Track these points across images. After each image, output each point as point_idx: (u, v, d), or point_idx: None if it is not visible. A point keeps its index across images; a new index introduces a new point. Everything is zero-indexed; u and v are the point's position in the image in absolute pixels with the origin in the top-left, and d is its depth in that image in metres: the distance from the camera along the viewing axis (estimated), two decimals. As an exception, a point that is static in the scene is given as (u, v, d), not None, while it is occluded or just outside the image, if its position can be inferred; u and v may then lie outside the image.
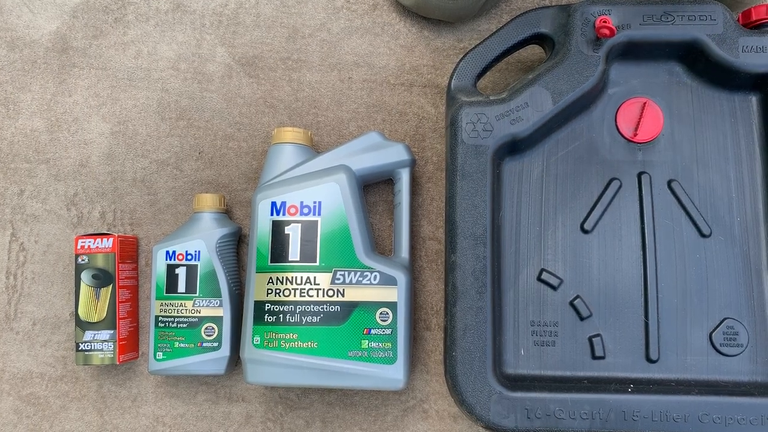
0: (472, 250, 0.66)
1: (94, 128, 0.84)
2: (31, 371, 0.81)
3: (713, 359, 0.67)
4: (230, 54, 0.84)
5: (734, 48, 0.68)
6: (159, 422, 0.79)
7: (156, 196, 0.83)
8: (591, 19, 0.69)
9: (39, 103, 0.85)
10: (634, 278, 0.69)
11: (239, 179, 0.82)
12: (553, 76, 0.68)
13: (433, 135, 0.82)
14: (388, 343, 0.70)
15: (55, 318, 0.81)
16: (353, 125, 0.83)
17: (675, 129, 0.71)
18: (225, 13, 0.85)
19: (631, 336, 0.68)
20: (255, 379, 0.70)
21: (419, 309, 0.79)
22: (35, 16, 0.86)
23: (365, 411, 0.78)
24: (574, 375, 0.67)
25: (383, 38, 0.84)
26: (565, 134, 0.72)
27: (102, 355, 0.75)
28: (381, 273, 0.71)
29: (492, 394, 0.63)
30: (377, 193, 0.81)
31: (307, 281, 0.71)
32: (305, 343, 0.70)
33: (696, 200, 0.70)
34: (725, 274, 0.68)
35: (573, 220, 0.70)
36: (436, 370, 0.78)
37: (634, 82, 0.72)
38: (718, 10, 0.68)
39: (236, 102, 0.84)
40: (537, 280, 0.69)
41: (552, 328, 0.69)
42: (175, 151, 0.83)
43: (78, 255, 0.77)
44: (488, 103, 0.68)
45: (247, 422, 0.78)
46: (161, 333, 0.75)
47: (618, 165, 0.71)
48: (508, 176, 0.71)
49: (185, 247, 0.75)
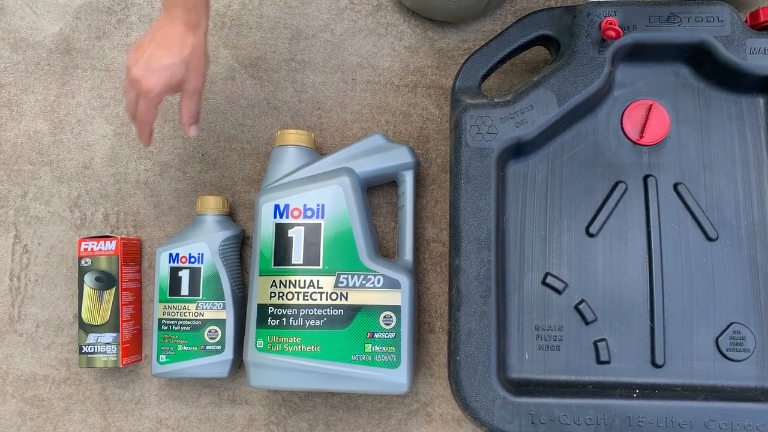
0: (477, 254, 0.66)
1: (97, 130, 0.84)
2: (34, 373, 0.81)
3: (719, 364, 0.67)
4: (233, 55, 0.84)
5: (742, 50, 0.67)
6: (162, 425, 0.79)
7: (159, 198, 0.83)
8: (597, 21, 0.68)
9: (42, 104, 0.85)
10: (640, 282, 0.68)
11: (242, 181, 0.82)
12: (558, 78, 0.68)
13: (438, 137, 0.81)
14: (391, 347, 0.69)
15: (59, 320, 0.81)
16: (357, 127, 0.82)
17: (681, 131, 0.70)
18: (228, 15, 0.85)
19: (637, 340, 0.67)
20: (258, 382, 0.70)
21: (423, 312, 0.79)
22: (38, 17, 0.86)
23: (369, 414, 0.78)
24: (579, 380, 0.67)
25: (387, 39, 0.83)
26: (570, 137, 0.71)
27: (105, 357, 0.75)
28: (384, 276, 0.71)
29: (496, 399, 0.63)
30: (381, 196, 0.81)
31: (311, 285, 0.70)
32: (308, 347, 0.69)
33: (702, 204, 0.69)
34: (732, 279, 0.68)
35: (578, 224, 0.70)
36: (440, 374, 0.78)
37: (640, 84, 0.71)
38: (725, 12, 0.67)
39: (239, 104, 0.83)
40: (542, 284, 0.69)
41: (557, 332, 0.68)
42: (178, 153, 0.83)
43: (81, 257, 0.77)
44: (493, 105, 0.68)
45: (251, 425, 0.78)
46: (164, 336, 0.74)
47: (624, 168, 0.70)
48: (513, 179, 0.71)
49: (188, 249, 0.75)
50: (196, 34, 0.64)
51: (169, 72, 0.63)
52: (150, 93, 0.64)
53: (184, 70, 0.64)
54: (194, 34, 0.64)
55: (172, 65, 0.63)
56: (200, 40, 0.65)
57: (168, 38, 0.63)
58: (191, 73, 0.65)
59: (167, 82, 0.64)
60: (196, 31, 0.64)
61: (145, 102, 0.65)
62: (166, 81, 0.64)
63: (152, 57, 0.63)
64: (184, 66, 0.64)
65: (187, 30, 0.63)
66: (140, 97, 0.65)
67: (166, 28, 0.63)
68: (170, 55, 0.63)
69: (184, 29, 0.63)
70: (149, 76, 0.63)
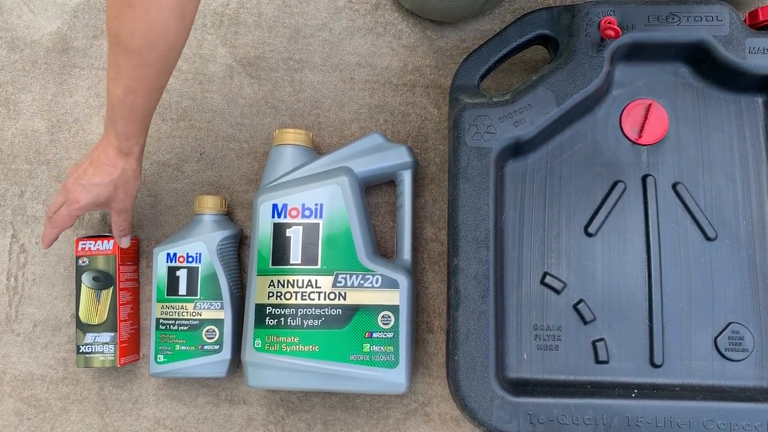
0: (475, 254, 0.66)
1: (94, 129, 0.84)
2: (32, 373, 0.81)
3: (718, 364, 0.66)
4: (231, 54, 0.84)
5: (741, 49, 0.67)
6: (160, 425, 0.79)
7: (157, 198, 0.82)
8: (595, 20, 0.68)
9: (39, 103, 0.84)
10: (639, 282, 0.68)
11: (240, 181, 0.82)
12: (557, 78, 0.67)
13: (436, 136, 0.81)
14: (389, 347, 0.69)
15: (56, 320, 0.81)
16: (355, 126, 0.82)
17: (680, 131, 0.70)
18: (226, 13, 0.84)
19: (635, 340, 0.67)
20: (256, 382, 0.70)
21: (422, 311, 0.79)
22: (36, 16, 0.86)
23: (367, 414, 0.78)
24: (578, 379, 0.67)
25: (386, 38, 0.83)
26: (569, 136, 0.71)
27: (103, 357, 0.75)
28: (383, 276, 0.70)
29: (494, 399, 0.63)
30: (379, 195, 0.81)
31: (309, 284, 0.70)
32: (306, 347, 0.69)
33: (701, 203, 0.69)
34: (731, 279, 0.68)
35: (577, 224, 0.70)
36: (438, 373, 0.78)
37: (639, 84, 0.71)
38: (724, 11, 0.67)
39: (237, 103, 0.83)
40: (540, 284, 0.69)
41: (555, 332, 0.68)
42: (176, 153, 0.83)
43: (79, 257, 0.76)
44: (491, 104, 0.68)
45: (249, 425, 0.78)
46: (162, 335, 0.74)
47: (622, 167, 0.70)
48: (511, 179, 0.70)
49: (186, 249, 0.75)
50: (128, 160, 0.68)
51: (97, 190, 0.69)
52: (74, 205, 0.69)
53: (112, 190, 0.69)
54: (125, 159, 0.68)
55: (101, 184, 0.68)
56: (131, 165, 0.69)
57: (100, 160, 0.68)
58: (119, 193, 0.70)
59: (94, 199, 0.69)
60: (128, 157, 0.68)
61: (67, 210, 0.70)
62: (92, 198, 0.69)
63: (85, 174, 0.69)
64: (112, 186, 0.69)
65: (119, 155, 0.68)
66: (65, 204, 0.70)
67: (100, 150, 0.68)
68: (100, 174, 0.68)
69: (116, 154, 0.67)
70: (79, 190, 0.69)
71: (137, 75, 0.60)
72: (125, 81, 0.60)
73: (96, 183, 0.68)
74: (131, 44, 0.57)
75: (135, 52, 0.58)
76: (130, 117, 0.64)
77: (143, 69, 0.59)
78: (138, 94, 0.61)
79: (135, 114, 0.64)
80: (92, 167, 0.68)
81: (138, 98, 0.62)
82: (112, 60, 0.60)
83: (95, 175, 0.68)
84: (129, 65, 0.59)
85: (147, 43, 0.57)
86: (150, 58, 0.58)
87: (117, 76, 0.60)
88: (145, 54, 0.58)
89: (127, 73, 0.60)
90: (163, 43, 0.57)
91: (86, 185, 0.68)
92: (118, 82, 0.61)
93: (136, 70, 0.59)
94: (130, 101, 0.62)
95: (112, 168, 0.68)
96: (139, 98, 0.62)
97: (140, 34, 0.56)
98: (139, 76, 0.60)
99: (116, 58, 0.59)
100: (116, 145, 0.66)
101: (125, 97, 0.61)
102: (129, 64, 0.59)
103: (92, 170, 0.68)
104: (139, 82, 0.61)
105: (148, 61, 0.58)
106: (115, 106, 0.63)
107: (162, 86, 0.63)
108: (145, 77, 0.60)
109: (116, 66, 0.60)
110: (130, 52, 0.57)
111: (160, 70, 0.61)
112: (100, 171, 0.68)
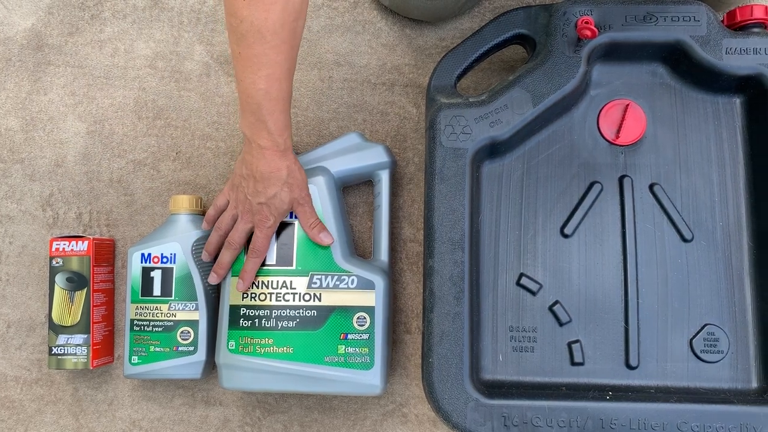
0: (450, 255, 0.65)
1: (69, 127, 0.83)
2: (5, 374, 0.80)
3: (693, 366, 0.66)
4: (208, 52, 0.83)
5: (718, 50, 0.66)
6: (135, 426, 0.78)
7: (133, 197, 0.81)
8: (572, 20, 0.67)
9: (13, 101, 0.83)
10: (615, 283, 0.68)
11: (217, 180, 0.81)
12: (533, 78, 0.67)
13: (415, 135, 0.81)
14: (365, 348, 0.69)
15: (30, 320, 0.80)
16: (333, 125, 0.81)
17: (658, 131, 0.70)
18: (203, 11, 0.83)
19: (611, 342, 0.67)
20: (230, 384, 0.69)
21: (399, 312, 0.78)
22: (10, 12, 0.85)
23: (344, 415, 0.77)
24: (553, 381, 0.67)
25: (364, 37, 0.82)
26: (545, 136, 0.70)
27: (75, 359, 0.74)
28: (358, 277, 0.70)
29: (469, 401, 0.63)
30: (357, 195, 0.80)
31: (284, 285, 0.70)
32: (281, 348, 0.69)
33: (678, 204, 0.69)
34: (707, 280, 0.67)
35: (553, 224, 0.69)
36: (415, 374, 0.77)
37: (617, 84, 0.71)
38: (701, 11, 0.67)
39: (214, 101, 0.82)
40: (516, 285, 0.68)
41: (531, 333, 0.68)
42: (152, 151, 0.82)
43: (53, 257, 0.76)
44: (467, 105, 0.67)
45: (225, 426, 0.78)
46: (136, 337, 0.73)
47: (599, 168, 0.70)
48: (488, 179, 0.70)
49: (161, 249, 0.74)
50: (286, 156, 0.65)
51: (278, 200, 0.66)
52: (266, 223, 0.67)
53: (289, 193, 0.67)
54: (284, 156, 0.65)
55: (279, 193, 0.66)
56: (291, 158, 0.66)
57: (261, 170, 0.65)
58: (295, 191, 0.67)
59: (279, 210, 0.67)
60: (286, 153, 0.65)
61: (263, 233, 0.68)
62: (278, 211, 0.67)
63: (257, 192, 0.66)
64: (288, 189, 0.66)
65: (276, 155, 0.64)
66: (257, 229, 0.68)
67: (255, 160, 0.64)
68: (272, 185, 0.65)
69: (273, 155, 0.64)
70: (262, 210, 0.66)
71: (278, 59, 0.57)
72: (266, 70, 0.58)
73: (273, 195, 0.65)
74: (267, 27, 0.54)
75: (272, 34, 0.55)
76: (278, 108, 0.61)
77: (281, 51, 0.57)
78: (281, 80, 0.59)
79: (282, 104, 0.61)
80: (260, 182, 0.65)
81: (282, 84, 0.59)
82: (246, 54, 0.57)
83: (268, 188, 0.65)
84: (267, 51, 0.56)
85: (281, 21, 0.55)
86: (285, 35, 0.56)
87: (256, 69, 0.57)
88: (281, 32, 0.55)
89: (266, 61, 0.57)
90: (292, 15, 0.55)
91: (266, 202, 0.66)
92: (260, 74, 0.58)
93: (274, 54, 0.57)
94: (275, 91, 0.59)
95: (278, 172, 0.65)
96: (283, 84, 0.60)
97: (276, 12, 0.54)
98: (279, 59, 0.57)
99: (250, 48, 0.56)
100: (271, 146, 0.63)
101: (269, 88, 0.59)
102: (267, 50, 0.56)
103: (262, 185, 0.65)
104: (281, 66, 0.58)
105: (283, 38, 0.56)
106: (261, 103, 0.60)
107: (295, 64, 0.61)
108: (286, 59, 0.58)
109: (252, 58, 0.57)
110: (266, 35, 0.55)
111: (293, 46, 0.58)
112: (269, 181, 0.65)
